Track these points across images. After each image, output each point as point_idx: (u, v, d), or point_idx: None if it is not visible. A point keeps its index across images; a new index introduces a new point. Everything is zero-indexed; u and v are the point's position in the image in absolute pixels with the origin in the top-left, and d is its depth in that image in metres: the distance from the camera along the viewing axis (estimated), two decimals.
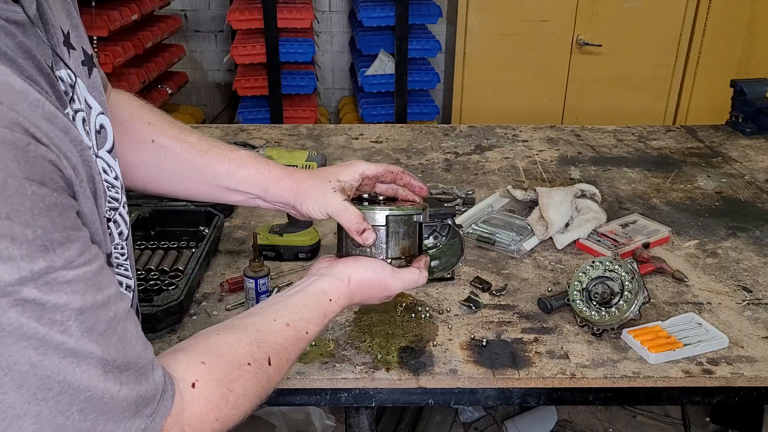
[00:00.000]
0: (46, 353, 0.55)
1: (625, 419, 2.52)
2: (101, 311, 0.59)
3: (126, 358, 0.62)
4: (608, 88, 3.90)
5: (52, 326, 0.55)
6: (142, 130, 1.00)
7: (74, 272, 0.56)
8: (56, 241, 0.55)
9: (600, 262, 1.34)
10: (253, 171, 1.00)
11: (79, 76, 0.72)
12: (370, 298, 0.97)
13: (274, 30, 3.38)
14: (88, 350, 0.58)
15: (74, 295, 0.56)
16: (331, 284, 0.92)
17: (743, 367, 1.23)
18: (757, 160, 2.21)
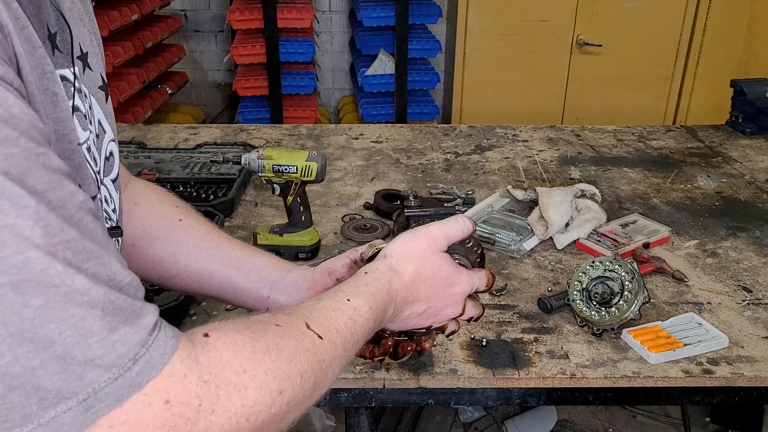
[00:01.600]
0: None
1: (625, 419, 2.52)
2: (38, 165, 0.45)
3: (84, 242, 0.47)
4: (608, 88, 3.90)
5: None
6: (171, 210, 0.99)
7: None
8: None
9: (600, 262, 1.34)
10: (271, 258, 1.00)
11: (94, 96, 0.69)
12: (426, 282, 0.83)
13: (274, 30, 3.38)
14: (15, 192, 0.43)
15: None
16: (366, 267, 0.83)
17: (743, 367, 1.23)
18: (757, 160, 2.21)
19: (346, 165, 2.11)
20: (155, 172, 1.89)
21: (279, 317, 0.67)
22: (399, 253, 0.83)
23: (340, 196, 1.89)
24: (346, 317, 0.72)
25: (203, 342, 0.56)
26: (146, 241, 0.93)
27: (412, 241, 0.84)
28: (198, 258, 0.96)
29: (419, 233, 0.85)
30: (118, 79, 3.27)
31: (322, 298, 0.74)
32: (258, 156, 1.47)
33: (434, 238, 0.85)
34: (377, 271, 0.81)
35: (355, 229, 1.69)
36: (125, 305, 0.49)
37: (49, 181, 0.46)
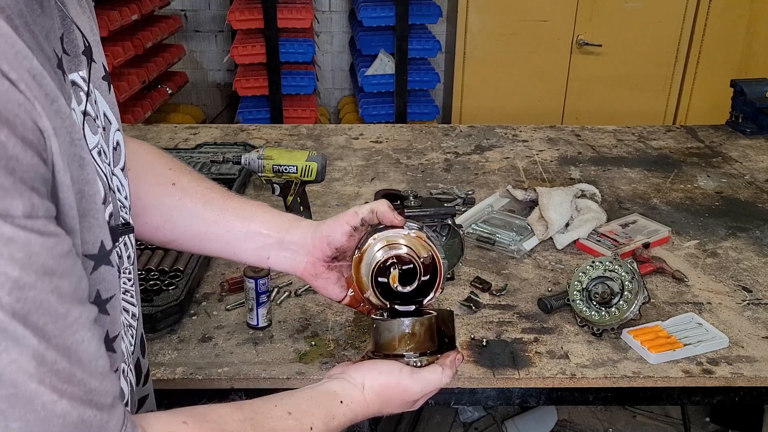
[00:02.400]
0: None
1: (625, 419, 2.52)
2: (49, 299, 0.49)
3: (71, 368, 0.52)
4: (608, 88, 3.90)
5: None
6: (164, 174, 0.97)
7: (15, 231, 0.47)
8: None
9: (600, 262, 1.34)
10: (276, 214, 0.99)
11: (98, 89, 0.70)
12: (389, 405, 0.87)
13: (274, 30, 3.38)
14: (21, 335, 0.48)
15: (11, 261, 0.47)
16: (342, 387, 0.84)
17: (743, 367, 1.23)
18: (757, 160, 2.21)
19: (346, 165, 2.11)
20: None
21: (245, 428, 0.70)
22: (375, 391, 0.85)
23: (340, 196, 1.89)
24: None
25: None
26: (141, 209, 0.92)
27: (389, 389, 0.86)
28: (194, 222, 0.96)
29: (396, 387, 0.86)
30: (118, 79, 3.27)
31: (292, 412, 0.76)
32: (258, 156, 1.47)
33: (408, 391, 0.86)
34: (352, 404, 0.83)
35: None
36: (95, 420, 0.54)
37: (55, 313, 0.50)
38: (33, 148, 0.48)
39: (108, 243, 0.62)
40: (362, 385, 0.84)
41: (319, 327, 1.32)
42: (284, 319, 1.34)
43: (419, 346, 0.88)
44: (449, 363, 0.88)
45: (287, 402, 0.77)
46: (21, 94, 0.48)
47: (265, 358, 1.24)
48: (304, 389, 0.82)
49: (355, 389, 0.84)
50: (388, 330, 0.88)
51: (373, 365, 0.86)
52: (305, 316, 1.36)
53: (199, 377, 1.19)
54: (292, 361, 1.23)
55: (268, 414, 0.74)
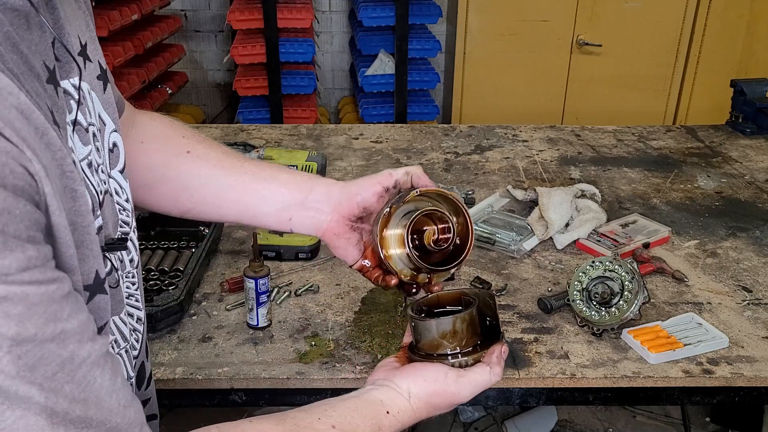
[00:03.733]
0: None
1: (625, 419, 2.52)
2: (51, 348, 0.48)
3: (87, 412, 0.50)
4: (608, 88, 3.90)
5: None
6: (178, 143, 0.96)
7: (10, 288, 0.45)
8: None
9: (600, 262, 1.34)
10: (296, 173, 0.97)
11: (93, 90, 0.68)
12: (437, 410, 0.84)
13: (274, 30, 3.38)
14: (26, 394, 0.46)
15: (7, 318, 0.45)
16: (388, 396, 0.80)
17: (743, 367, 1.23)
18: (757, 160, 2.21)
19: (346, 165, 2.11)
20: None
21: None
22: (422, 399, 0.82)
23: None
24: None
25: None
26: (157, 179, 0.92)
27: (436, 396, 0.83)
28: (212, 189, 0.93)
29: (444, 394, 0.83)
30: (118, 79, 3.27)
31: (336, 425, 0.73)
32: (258, 156, 1.48)
33: (457, 396, 0.84)
34: (399, 414, 0.80)
35: None
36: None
37: (61, 362, 0.49)
38: (25, 196, 0.47)
39: (102, 272, 0.60)
40: (408, 393, 0.81)
41: (319, 327, 1.33)
42: (284, 319, 1.34)
43: (462, 342, 0.84)
44: (496, 359, 0.84)
45: (331, 414, 0.74)
46: (8, 142, 0.46)
47: (265, 358, 1.24)
48: (347, 398, 0.79)
49: (401, 398, 0.81)
50: (428, 330, 0.85)
51: (419, 371, 0.83)
52: (305, 316, 1.36)
53: (199, 377, 1.19)
54: (292, 361, 1.23)
55: (311, 428, 0.71)
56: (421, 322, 0.85)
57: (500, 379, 0.84)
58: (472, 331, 0.85)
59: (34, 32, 0.56)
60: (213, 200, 0.94)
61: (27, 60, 0.53)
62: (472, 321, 0.85)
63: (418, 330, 0.86)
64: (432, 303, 0.91)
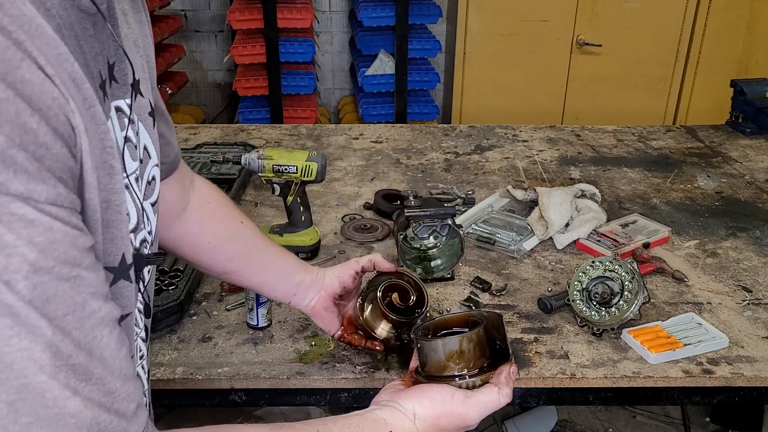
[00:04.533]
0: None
1: (625, 419, 2.52)
2: (65, 288, 0.47)
3: (89, 364, 0.49)
4: (608, 88, 3.90)
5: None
6: (233, 211, 1.09)
7: (38, 215, 0.45)
8: (21, 164, 0.45)
9: (600, 262, 1.34)
10: (295, 260, 1.13)
11: (143, 123, 0.69)
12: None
13: (274, 30, 3.38)
14: (35, 324, 0.46)
15: (30, 244, 0.45)
16: (392, 416, 0.79)
17: (743, 367, 1.23)
18: (757, 160, 2.21)
19: (346, 165, 2.11)
20: None
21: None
22: (428, 421, 0.81)
23: (340, 196, 1.89)
24: None
25: None
26: (222, 240, 1.03)
27: (442, 418, 0.81)
28: (256, 258, 1.08)
29: (450, 415, 0.81)
30: None
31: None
32: (258, 156, 1.47)
33: (464, 419, 0.82)
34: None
35: (355, 229, 1.69)
36: (111, 426, 0.51)
37: (72, 305, 0.48)
38: (63, 141, 0.48)
39: (129, 257, 0.60)
40: (413, 414, 0.79)
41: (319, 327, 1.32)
42: (284, 319, 1.34)
43: (470, 363, 0.82)
44: (504, 380, 0.82)
45: (331, 428, 0.73)
46: (56, 89, 0.48)
47: (265, 358, 1.24)
48: (350, 416, 0.77)
49: (405, 419, 0.79)
50: (434, 350, 0.83)
51: (424, 392, 0.81)
52: (305, 316, 1.35)
53: (199, 377, 1.19)
54: (292, 361, 1.23)
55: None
56: (426, 343, 0.84)
57: (509, 400, 0.82)
58: (479, 352, 0.83)
59: (96, 42, 0.58)
60: (252, 267, 1.09)
61: (85, 57, 0.55)
62: (480, 341, 0.83)
63: (424, 351, 0.84)
64: (439, 326, 0.90)
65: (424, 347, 0.84)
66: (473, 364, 0.83)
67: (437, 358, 0.83)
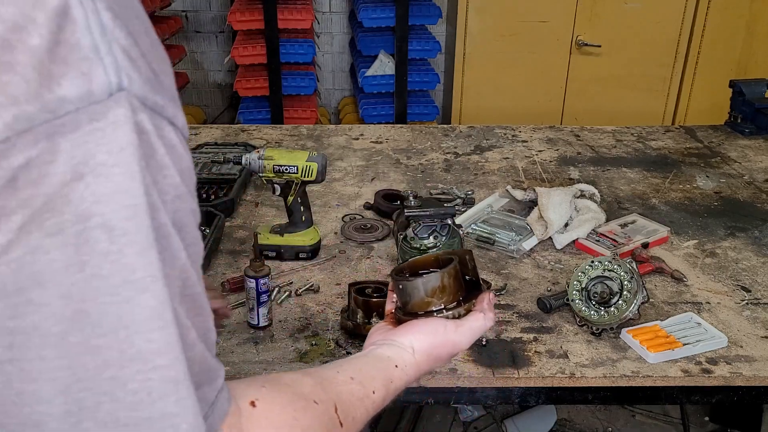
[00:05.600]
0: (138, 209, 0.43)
1: (624, 418, 2.52)
2: (191, 218, 0.49)
3: (198, 300, 0.51)
4: (607, 88, 3.90)
5: (155, 173, 0.44)
6: None
7: (179, 141, 0.46)
8: (169, 90, 0.46)
9: (599, 262, 1.34)
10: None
11: None
12: (439, 361, 0.88)
13: (274, 31, 3.39)
14: (176, 244, 0.47)
15: (176, 169, 0.46)
16: (394, 352, 0.84)
17: (742, 367, 1.24)
18: (756, 160, 2.22)
19: (346, 165, 2.12)
20: None
21: (317, 392, 0.69)
22: (426, 352, 0.86)
23: (341, 196, 1.90)
24: (363, 408, 0.75)
25: (249, 411, 0.59)
26: None
27: (438, 348, 0.86)
28: None
29: (445, 344, 0.86)
30: None
31: (354, 377, 0.76)
32: (259, 156, 1.48)
33: (458, 345, 0.87)
34: (406, 367, 0.83)
35: (355, 229, 1.69)
36: (211, 365, 0.53)
37: (195, 236, 0.50)
38: None
39: None
40: (412, 348, 0.84)
41: (320, 326, 1.33)
42: (285, 319, 1.35)
43: (450, 297, 0.88)
44: (487, 306, 0.89)
45: (347, 368, 0.77)
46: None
47: (265, 357, 1.24)
48: (355, 357, 0.83)
49: (406, 353, 0.84)
50: (416, 288, 0.87)
51: (417, 327, 0.86)
52: (305, 315, 1.37)
53: None
54: (292, 360, 1.24)
55: (333, 379, 0.74)
56: (408, 283, 0.88)
57: (494, 323, 0.90)
58: (456, 286, 0.89)
59: None
60: None
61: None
62: (457, 275, 0.89)
63: (407, 291, 0.89)
64: (413, 268, 0.95)
65: (407, 287, 0.89)
66: (452, 298, 0.88)
67: (420, 296, 0.88)
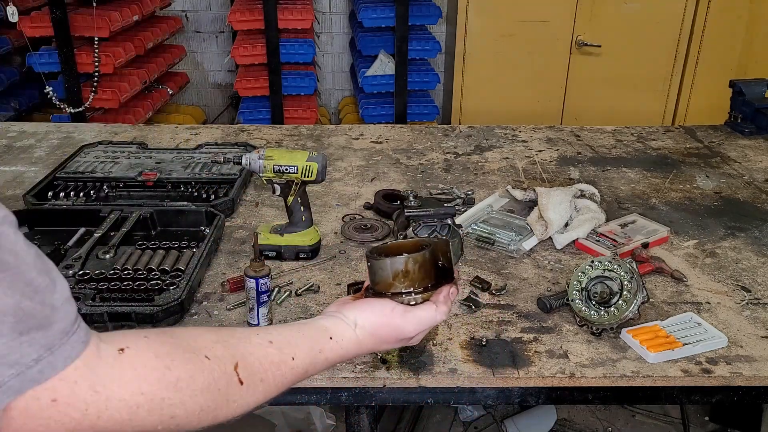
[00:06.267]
0: None
1: (624, 418, 2.53)
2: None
3: (2, 255, 0.53)
4: (607, 88, 3.91)
5: None
6: None
7: None
8: None
9: (599, 262, 1.34)
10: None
11: None
12: (384, 343, 0.89)
13: (274, 31, 3.39)
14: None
15: None
16: (333, 323, 0.86)
17: (742, 367, 1.24)
18: (756, 160, 2.22)
19: (346, 165, 2.12)
20: (156, 173, 1.90)
21: (214, 348, 0.69)
22: (368, 330, 0.87)
23: (341, 196, 1.90)
24: (279, 373, 0.75)
25: (113, 356, 0.61)
26: None
27: (381, 328, 0.88)
28: None
29: (389, 326, 0.87)
30: (119, 79, 3.28)
31: (274, 341, 0.76)
32: (259, 156, 1.48)
33: (401, 330, 0.88)
34: (342, 341, 0.84)
35: (355, 229, 1.69)
36: (37, 312, 0.55)
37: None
38: None
39: None
40: (354, 323, 0.86)
41: None
42: (285, 319, 1.35)
43: (414, 282, 0.90)
44: (443, 299, 0.90)
45: (271, 332, 0.79)
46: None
47: None
48: (294, 324, 0.85)
49: (347, 327, 0.86)
50: (382, 269, 0.90)
51: (367, 304, 0.88)
52: (305, 315, 1.36)
53: None
54: None
55: (246, 339, 0.74)
56: (376, 262, 0.91)
57: (445, 318, 0.91)
58: (423, 273, 0.90)
59: None
60: None
61: None
62: (424, 263, 0.91)
63: (374, 270, 0.92)
64: (392, 250, 0.97)
65: (374, 266, 0.92)
66: (417, 284, 0.90)
67: (384, 276, 0.90)
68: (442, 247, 0.94)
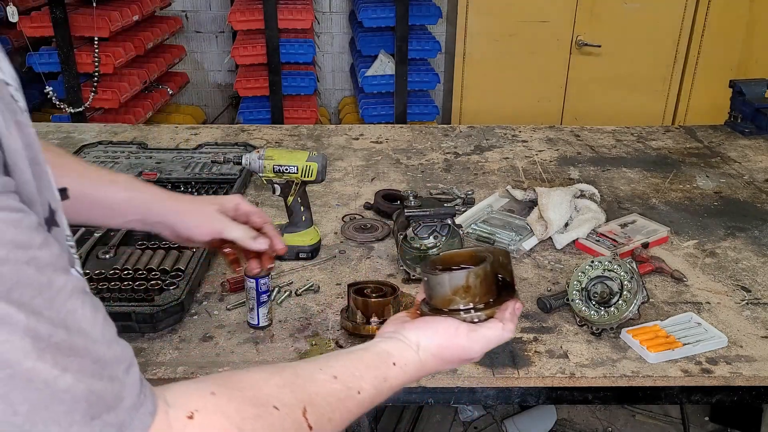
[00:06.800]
0: None
1: (624, 418, 2.53)
2: (27, 272, 0.48)
3: (71, 338, 0.50)
4: (607, 88, 3.91)
5: None
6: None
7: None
8: None
9: (599, 262, 1.34)
10: (136, 193, 1.03)
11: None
12: (447, 364, 0.83)
13: (274, 31, 3.39)
14: (6, 313, 0.46)
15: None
16: (396, 347, 0.80)
17: (742, 367, 1.24)
18: (756, 160, 2.22)
19: (346, 165, 2.12)
20: (156, 173, 1.90)
21: (282, 394, 0.66)
22: (432, 352, 0.81)
23: (341, 196, 1.90)
24: (345, 409, 0.72)
25: (183, 423, 0.58)
26: None
27: (447, 350, 0.82)
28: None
29: (454, 347, 0.82)
30: (119, 79, 3.28)
31: (338, 375, 0.72)
32: (259, 156, 1.48)
33: (468, 351, 0.83)
34: (406, 366, 0.79)
35: (355, 229, 1.69)
36: (106, 392, 0.52)
37: (38, 286, 0.49)
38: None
39: (55, 203, 0.59)
40: (417, 345, 0.80)
41: (320, 326, 1.33)
42: (285, 319, 1.35)
43: (475, 298, 0.83)
44: (509, 316, 0.83)
45: (333, 365, 0.73)
46: None
47: (265, 357, 1.24)
48: (354, 350, 0.78)
49: (409, 350, 0.80)
50: (440, 284, 0.84)
51: (429, 324, 0.82)
52: (306, 315, 1.37)
53: (200, 376, 1.19)
54: (292, 360, 1.24)
55: (310, 378, 0.70)
56: (433, 277, 0.85)
57: (513, 336, 0.83)
58: (485, 288, 0.84)
59: None
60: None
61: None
62: (486, 277, 0.84)
63: (431, 285, 0.85)
64: (446, 261, 0.91)
65: (431, 281, 0.85)
66: (479, 299, 0.84)
67: (443, 292, 0.84)
68: (502, 259, 0.88)
